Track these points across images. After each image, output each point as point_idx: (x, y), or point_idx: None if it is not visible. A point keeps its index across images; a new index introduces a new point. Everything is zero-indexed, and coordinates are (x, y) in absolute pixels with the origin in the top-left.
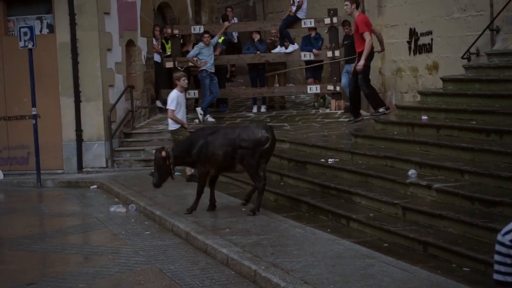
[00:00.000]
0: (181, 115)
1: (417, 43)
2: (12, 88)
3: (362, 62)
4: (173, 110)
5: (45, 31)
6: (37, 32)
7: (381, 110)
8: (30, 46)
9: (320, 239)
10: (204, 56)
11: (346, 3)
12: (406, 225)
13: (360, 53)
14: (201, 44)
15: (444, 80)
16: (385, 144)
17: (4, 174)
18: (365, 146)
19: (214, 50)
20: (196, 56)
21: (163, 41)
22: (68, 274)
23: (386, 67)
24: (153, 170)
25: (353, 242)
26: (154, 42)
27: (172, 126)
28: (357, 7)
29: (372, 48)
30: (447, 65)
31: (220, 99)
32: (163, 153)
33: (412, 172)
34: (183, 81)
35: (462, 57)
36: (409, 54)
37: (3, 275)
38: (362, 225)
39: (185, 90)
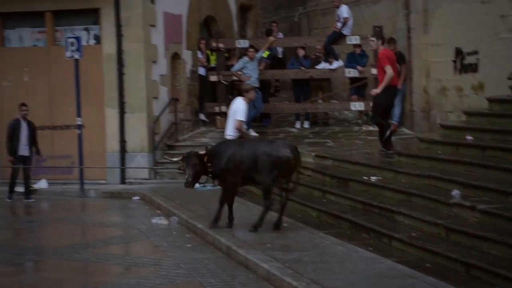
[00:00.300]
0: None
1: (463, 63)
2: (58, 98)
3: (377, 90)
4: (241, 121)
5: (92, 41)
6: (83, 42)
7: (384, 149)
8: (76, 56)
9: (361, 257)
10: (249, 71)
11: (372, 39)
12: (449, 245)
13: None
14: (246, 58)
15: (489, 100)
16: (429, 164)
17: (48, 183)
18: (408, 165)
19: (259, 64)
20: (240, 70)
21: (208, 52)
22: (109, 285)
23: (431, 86)
24: (180, 168)
25: (395, 261)
26: (199, 55)
27: (233, 135)
28: (382, 43)
29: (395, 85)
30: (493, 85)
31: (263, 114)
32: (203, 151)
33: (455, 192)
34: (252, 94)
35: (508, 78)
36: (454, 73)
37: (45, 284)
38: (404, 245)
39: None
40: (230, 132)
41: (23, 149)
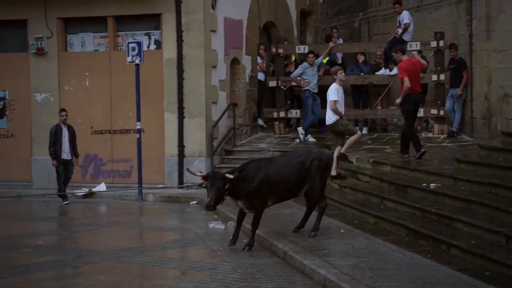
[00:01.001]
0: (340, 108)
1: None
2: (118, 102)
3: (398, 100)
4: (335, 101)
5: (153, 47)
6: (144, 47)
7: (417, 154)
8: (137, 61)
9: (419, 264)
10: (308, 76)
11: (393, 53)
12: (510, 254)
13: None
14: (305, 64)
15: None
16: (490, 171)
17: (107, 187)
18: (468, 172)
19: (318, 70)
20: (300, 75)
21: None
22: None
23: (492, 92)
24: (202, 185)
25: (454, 269)
26: (259, 60)
27: (332, 118)
28: (403, 54)
29: (417, 92)
30: None
31: (321, 120)
32: (231, 176)
33: None
34: (340, 75)
35: None
36: None
37: (103, 286)
38: (463, 252)
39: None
40: (328, 114)
41: (66, 153)
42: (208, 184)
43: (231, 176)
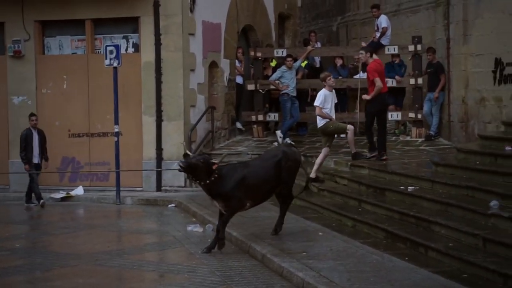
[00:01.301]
0: (328, 111)
1: (503, 73)
2: (96, 105)
3: (367, 97)
4: (320, 107)
5: (131, 50)
6: (122, 51)
7: (367, 154)
8: (115, 64)
9: (397, 267)
10: (286, 80)
11: (361, 52)
12: (487, 256)
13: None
14: (283, 67)
15: None
16: (467, 174)
17: (84, 190)
18: (446, 175)
19: (296, 74)
20: (278, 79)
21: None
22: None
23: (469, 96)
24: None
25: (432, 272)
26: (237, 64)
27: (321, 122)
28: (371, 55)
29: (384, 93)
30: None
31: (299, 123)
32: (215, 166)
33: (494, 203)
34: (329, 81)
35: None
36: (494, 83)
37: None
38: (441, 255)
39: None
40: (318, 120)
41: (36, 158)
42: (193, 157)
43: (215, 162)
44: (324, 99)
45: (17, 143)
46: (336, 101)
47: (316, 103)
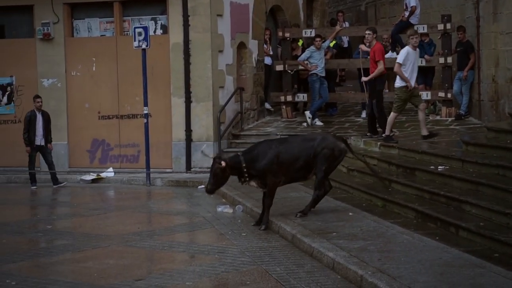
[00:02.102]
0: (409, 73)
1: None
2: (125, 87)
3: (365, 78)
4: (400, 64)
5: (159, 31)
6: (151, 32)
7: (384, 135)
8: (144, 46)
9: (428, 247)
10: (315, 60)
11: (368, 32)
12: None
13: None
14: (312, 47)
15: None
16: (498, 153)
17: (114, 172)
18: (476, 154)
19: (325, 54)
20: (307, 59)
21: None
22: (174, 272)
23: (500, 75)
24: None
25: (462, 251)
26: (264, 45)
27: (398, 83)
28: (376, 36)
29: (384, 74)
30: None
31: (329, 103)
32: (223, 164)
33: None
34: (412, 39)
35: None
36: None
37: (112, 270)
38: (471, 234)
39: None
40: (397, 79)
41: (39, 139)
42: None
43: (223, 165)
44: (406, 57)
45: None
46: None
47: (398, 59)
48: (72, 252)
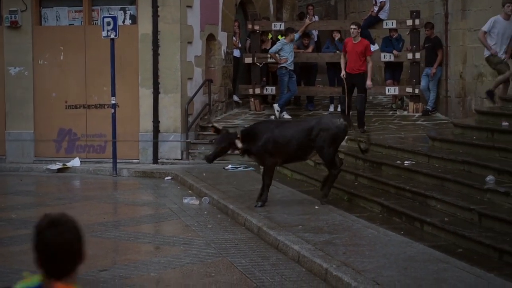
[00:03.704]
0: (499, 45)
1: None
2: (93, 77)
3: (370, 82)
4: (484, 32)
5: (128, 22)
6: (120, 22)
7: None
8: (112, 36)
9: (393, 241)
10: (286, 53)
11: (353, 26)
12: (482, 231)
13: (362, 73)
14: (283, 40)
15: None
16: (463, 149)
17: (81, 162)
18: (442, 150)
19: (307, 47)
20: (277, 51)
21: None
22: (139, 263)
23: (467, 71)
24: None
25: (427, 246)
26: (234, 37)
27: (485, 53)
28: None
29: None
30: None
31: (308, 98)
32: (238, 135)
33: (490, 178)
34: (508, 8)
35: None
36: None
37: None
38: (436, 229)
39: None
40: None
41: None
42: (216, 139)
43: (240, 145)
44: (493, 25)
45: (13, 114)
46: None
47: (483, 27)
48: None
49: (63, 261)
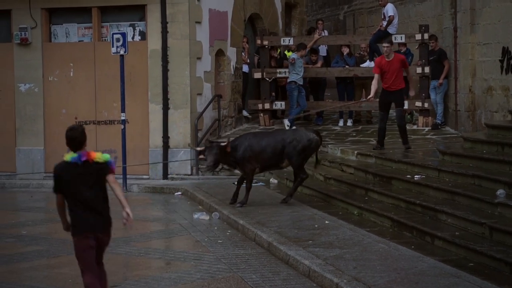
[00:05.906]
0: None
1: (510, 62)
2: (103, 93)
3: (413, 92)
4: None
5: (137, 38)
6: (129, 38)
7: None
8: (122, 52)
9: (403, 255)
10: (297, 67)
11: (386, 44)
12: (493, 245)
13: (401, 90)
14: (296, 54)
15: None
16: (474, 163)
17: None
18: (453, 164)
19: (316, 62)
20: (293, 60)
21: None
22: (150, 278)
23: (476, 85)
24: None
25: (438, 260)
26: (243, 52)
27: None
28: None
29: None
30: None
31: (317, 113)
32: (228, 148)
33: (500, 192)
34: None
35: None
36: (501, 73)
37: None
38: (447, 243)
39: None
40: None
41: None
42: (207, 153)
43: (224, 143)
44: None
45: (23, 130)
46: None
47: None
48: (47, 258)
49: (79, 143)
